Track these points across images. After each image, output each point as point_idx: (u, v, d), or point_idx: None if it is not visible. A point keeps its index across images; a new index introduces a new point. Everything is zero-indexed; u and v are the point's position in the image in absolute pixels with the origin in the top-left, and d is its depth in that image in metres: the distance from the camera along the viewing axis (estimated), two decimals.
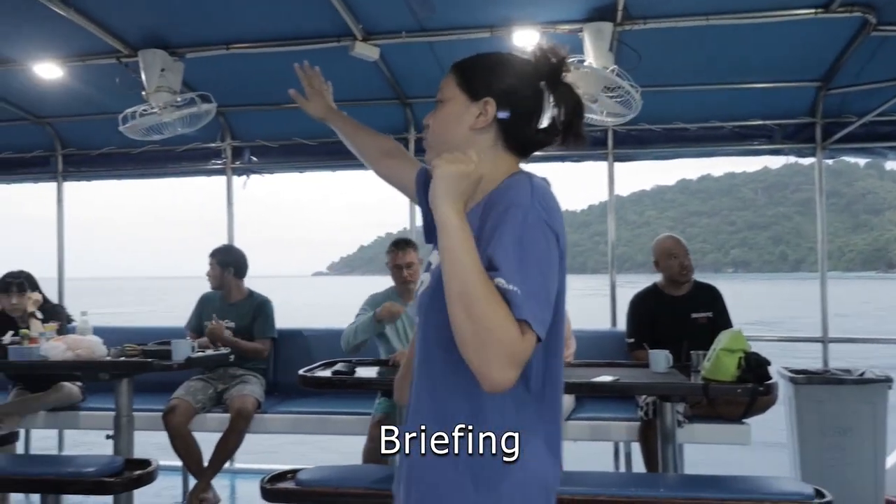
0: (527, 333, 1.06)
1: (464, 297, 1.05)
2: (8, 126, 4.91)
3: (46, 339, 3.49)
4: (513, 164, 1.28)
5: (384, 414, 3.53)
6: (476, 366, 1.04)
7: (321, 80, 1.80)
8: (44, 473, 2.74)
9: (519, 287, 1.06)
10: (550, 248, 1.12)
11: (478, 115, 1.25)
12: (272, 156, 5.03)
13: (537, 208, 1.13)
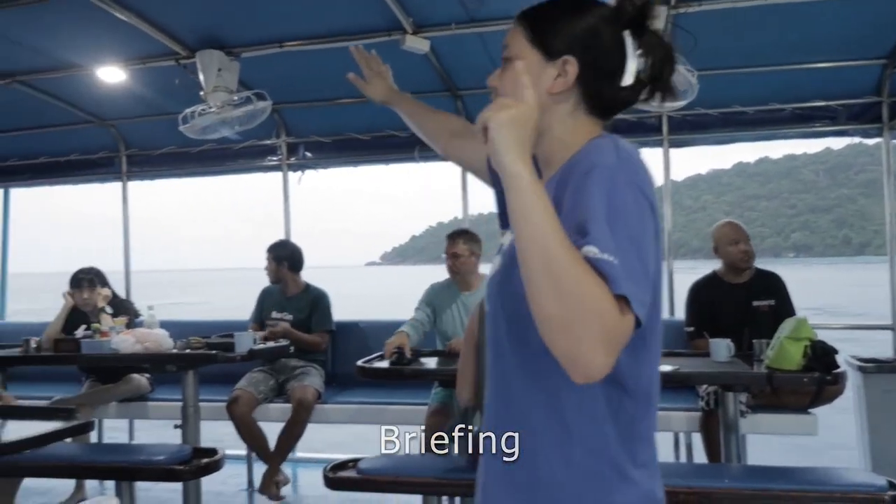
0: (626, 313, 0.86)
1: (546, 264, 0.86)
2: (75, 129, 5.11)
3: (116, 333, 3.63)
4: (593, 128, 1.10)
5: (440, 404, 3.56)
6: (564, 348, 0.86)
7: (379, 61, 1.70)
8: (117, 461, 2.83)
9: (614, 256, 0.87)
10: (644, 216, 0.93)
11: (556, 76, 1.07)
12: (326, 151, 5.10)
13: (625, 169, 0.96)
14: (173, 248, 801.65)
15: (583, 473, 1.00)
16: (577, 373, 0.86)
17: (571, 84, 1.07)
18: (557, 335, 0.86)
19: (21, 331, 4.67)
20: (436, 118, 1.60)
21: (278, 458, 3.89)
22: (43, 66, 4.21)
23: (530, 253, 0.88)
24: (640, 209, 0.93)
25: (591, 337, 0.84)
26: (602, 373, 0.86)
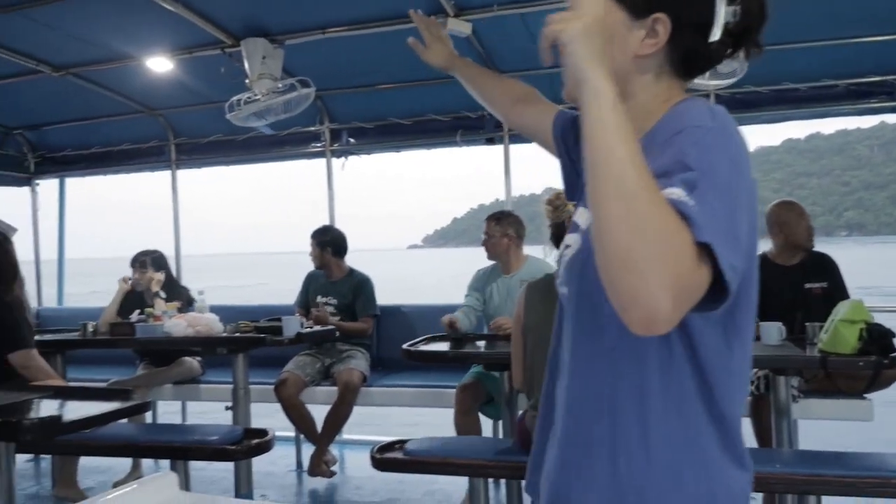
0: (702, 266, 0.76)
1: (619, 188, 0.76)
2: (127, 119, 5.24)
3: (169, 317, 3.73)
4: (678, 89, 1.01)
5: (473, 380, 3.58)
6: (625, 284, 0.75)
7: (439, 26, 1.60)
8: (172, 441, 2.92)
9: (698, 203, 0.77)
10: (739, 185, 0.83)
11: (644, 37, 0.96)
12: (369, 136, 5.13)
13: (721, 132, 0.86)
14: (221, 233, 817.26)
15: (665, 466, 0.92)
16: (636, 317, 0.75)
17: (662, 44, 0.96)
18: (620, 270, 0.75)
19: (78, 315, 4.84)
20: (499, 83, 1.49)
21: (326, 439, 3.97)
22: (95, 57, 4.33)
23: (603, 175, 0.78)
24: (734, 178, 0.83)
25: (659, 275, 0.73)
26: (665, 324, 0.75)
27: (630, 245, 0.74)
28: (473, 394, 3.50)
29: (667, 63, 0.99)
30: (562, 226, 2.56)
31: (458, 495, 3.59)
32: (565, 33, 0.85)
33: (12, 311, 3.17)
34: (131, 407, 2.21)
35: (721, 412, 0.93)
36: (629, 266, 0.74)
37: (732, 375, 0.93)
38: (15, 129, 5.56)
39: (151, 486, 1.11)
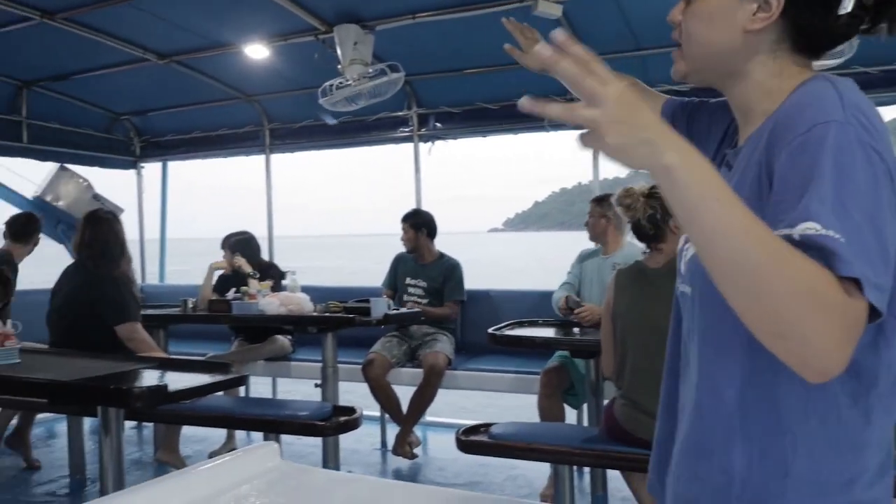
0: (856, 297, 0.69)
1: (738, 267, 0.70)
2: (225, 105, 5.46)
3: (263, 296, 3.87)
4: (802, 69, 0.91)
5: (558, 363, 3.55)
6: (787, 353, 0.70)
7: (535, 32, 1.57)
8: (265, 414, 3.04)
9: (841, 234, 0.70)
10: (880, 184, 0.74)
11: (755, 10, 0.88)
12: (455, 121, 5.14)
13: (854, 124, 0.76)
14: (308, 216, 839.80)
15: (803, 486, 0.83)
16: (809, 375, 0.71)
17: (775, 18, 0.87)
18: (776, 342, 0.70)
19: (179, 292, 5.09)
20: None
21: (411, 420, 4.03)
22: (196, 45, 4.52)
23: (716, 257, 0.71)
24: (873, 175, 0.74)
25: (817, 337, 0.68)
26: (839, 369, 0.70)
27: (773, 320, 0.69)
28: (558, 377, 3.48)
29: (785, 39, 0.89)
30: (638, 224, 2.50)
31: (540, 482, 3.58)
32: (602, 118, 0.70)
33: (119, 287, 3.37)
34: (230, 380, 2.31)
35: (869, 427, 0.84)
36: (782, 338, 0.70)
37: (883, 385, 0.85)
38: (123, 115, 5.88)
39: (254, 455, 1.15)
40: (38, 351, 3.07)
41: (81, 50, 4.54)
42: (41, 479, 3.89)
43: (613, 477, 3.43)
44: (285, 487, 1.08)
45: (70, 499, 3.62)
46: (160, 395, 2.05)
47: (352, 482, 1.11)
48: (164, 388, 2.05)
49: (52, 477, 3.90)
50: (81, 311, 3.34)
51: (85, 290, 3.38)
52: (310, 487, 1.08)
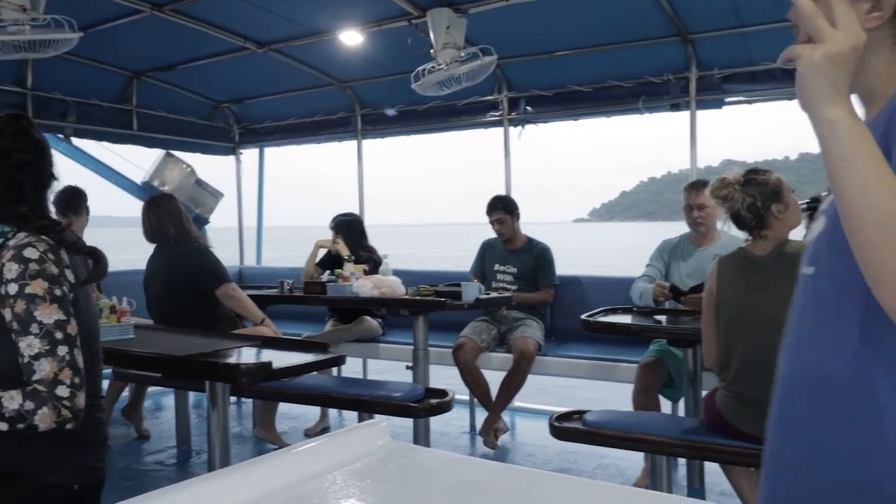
0: None
1: (880, 222, 0.74)
2: (319, 92, 5.58)
3: (356, 279, 3.95)
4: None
5: (654, 358, 3.45)
6: None
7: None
8: (360, 394, 3.10)
9: None
10: None
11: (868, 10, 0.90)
12: (546, 105, 5.06)
13: None
14: (396, 203, 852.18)
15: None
16: None
17: (889, 16, 0.89)
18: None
19: (276, 274, 5.28)
20: None
21: (499, 405, 4.03)
22: (293, 33, 4.63)
23: (857, 211, 0.76)
24: None
25: None
26: None
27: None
28: (655, 372, 3.37)
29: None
30: (738, 214, 2.39)
31: (632, 472, 3.51)
32: (802, 59, 0.80)
33: (204, 254, 3.66)
34: (330, 359, 2.37)
35: None
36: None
37: None
38: (223, 103, 6.11)
39: (365, 433, 1.17)
40: (149, 327, 3.25)
41: (186, 41, 4.75)
42: (151, 448, 4.13)
43: (710, 471, 3.33)
44: (397, 465, 1.09)
45: (177, 468, 3.83)
46: (265, 371, 2.12)
47: (461, 463, 1.11)
48: (269, 365, 2.12)
49: (161, 447, 4.13)
50: (178, 289, 3.57)
51: (175, 268, 3.62)
52: (421, 467, 1.09)
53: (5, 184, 1.58)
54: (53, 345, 1.46)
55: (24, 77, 4.78)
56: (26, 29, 3.25)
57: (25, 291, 1.46)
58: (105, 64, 5.16)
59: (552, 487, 0.97)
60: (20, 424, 1.42)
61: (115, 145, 5.64)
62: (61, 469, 1.58)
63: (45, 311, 1.47)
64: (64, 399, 1.44)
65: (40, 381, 1.44)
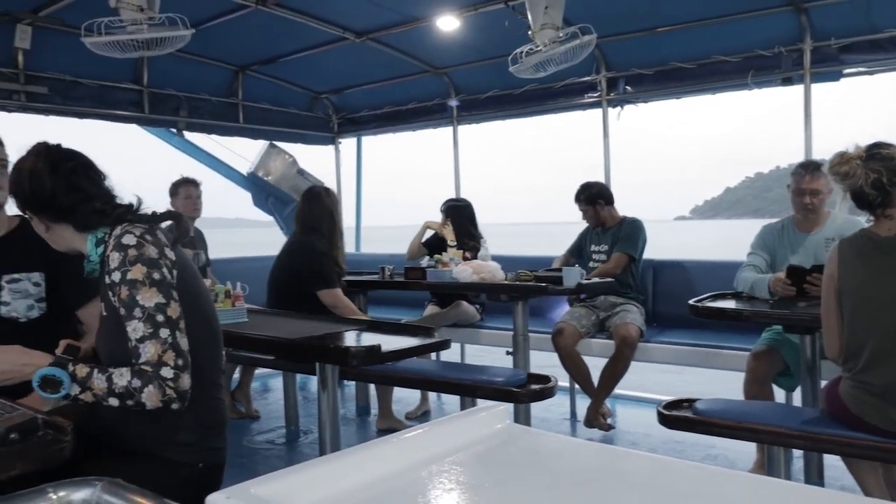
0: None
1: None
2: (415, 79, 5.63)
3: (456, 264, 3.97)
4: None
5: (766, 346, 3.27)
6: None
7: None
8: (463, 379, 3.12)
9: None
10: None
11: None
12: (647, 84, 4.91)
13: None
14: (492, 201, 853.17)
15: None
16: None
17: None
18: None
19: (375, 260, 5.39)
20: None
21: (603, 392, 3.96)
22: (391, 22, 4.68)
23: None
24: None
25: None
26: None
27: None
28: (768, 361, 3.21)
29: None
30: (860, 192, 2.22)
31: (743, 463, 3.38)
32: None
33: (322, 257, 3.66)
34: (436, 343, 2.39)
35: None
36: None
37: None
38: (322, 93, 6.26)
39: (486, 416, 1.17)
40: (260, 311, 3.38)
41: (287, 34, 4.88)
42: (261, 428, 4.32)
43: (830, 465, 3.16)
44: (519, 449, 1.09)
45: (286, 447, 3.98)
46: (375, 354, 2.16)
47: (586, 448, 1.09)
48: (378, 348, 2.16)
49: (270, 427, 4.31)
50: (290, 277, 3.67)
51: (295, 258, 3.71)
52: (545, 450, 1.08)
53: (69, 190, 1.68)
54: (156, 328, 1.53)
55: (140, 75, 5.06)
56: (144, 28, 3.42)
57: (127, 277, 1.54)
58: (213, 59, 5.39)
59: (684, 475, 0.94)
60: (129, 401, 1.50)
61: (222, 137, 5.90)
62: (188, 448, 1.66)
63: (146, 296, 1.54)
64: (168, 380, 1.51)
65: (146, 363, 1.51)
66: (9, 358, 1.56)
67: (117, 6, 3.41)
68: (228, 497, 0.80)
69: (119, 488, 0.82)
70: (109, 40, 3.44)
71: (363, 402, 4.60)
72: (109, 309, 1.61)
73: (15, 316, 2.01)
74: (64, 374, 1.49)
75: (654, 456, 1.02)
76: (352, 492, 0.90)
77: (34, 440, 1.26)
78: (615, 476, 0.97)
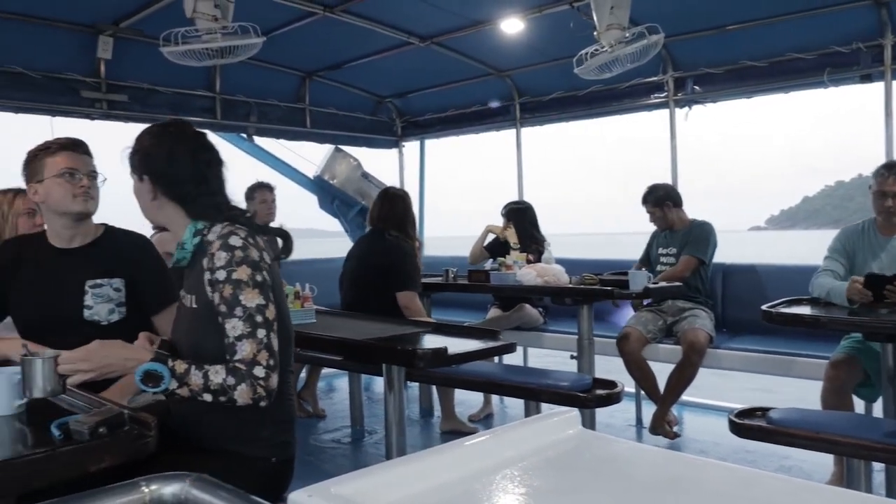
0: None
1: None
2: (478, 82, 5.65)
3: (519, 267, 3.96)
4: None
5: (846, 355, 3.13)
6: None
7: None
8: (527, 382, 3.10)
9: None
10: None
11: None
12: (716, 83, 4.79)
13: None
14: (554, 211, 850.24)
15: None
16: None
17: None
18: None
19: (438, 263, 5.41)
20: None
21: (669, 399, 3.88)
22: (455, 25, 4.71)
23: None
24: None
25: None
26: None
27: None
28: (848, 371, 3.07)
29: None
30: None
31: (819, 475, 3.25)
32: None
33: (407, 258, 3.71)
34: (502, 346, 2.39)
35: None
36: None
37: None
38: (386, 97, 6.34)
39: (557, 421, 1.17)
40: (328, 313, 3.45)
41: (353, 39, 4.97)
42: (327, 427, 4.40)
43: None
44: (592, 455, 1.08)
45: (352, 447, 4.05)
46: (441, 357, 2.18)
47: (664, 456, 1.07)
48: (445, 350, 2.18)
49: (336, 426, 4.39)
50: (370, 275, 3.72)
51: (378, 257, 3.75)
52: (620, 458, 1.07)
53: (197, 181, 1.73)
54: (254, 328, 1.58)
55: (213, 82, 5.23)
56: (218, 37, 3.54)
57: (232, 277, 1.60)
58: (281, 66, 5.52)
59: (767, 487, 0.91)
60: (222, 397, 1.56)
61: (290, 142, 6.04)
62: (262, 443, 1.72)
63: (249, 296, 1.59)
64: (260, 379, 1.57)
65: (241, 361, 1.57)
66: (114, 352, 1.62)
67: (193, 16, 3.53)
68: (310, 495, 0.82)
69: (207, 484, 0.85)
70: (186, 49, 3.57)
71: (426, 403, 4.63)
72: (200, 302, 1.66)
73: (97, 319, 2.10)
74: (165, 369, 1.56)
75: (732, 466, 1.00)
76: (428, 493, 0.91)
77: (121, 434, 1.32)
78: (692, 486, 0.95)
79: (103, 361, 1.60)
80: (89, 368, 1.58)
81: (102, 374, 1.61)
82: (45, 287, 2.11)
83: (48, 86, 4.45)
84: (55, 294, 2.10)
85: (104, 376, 1.62)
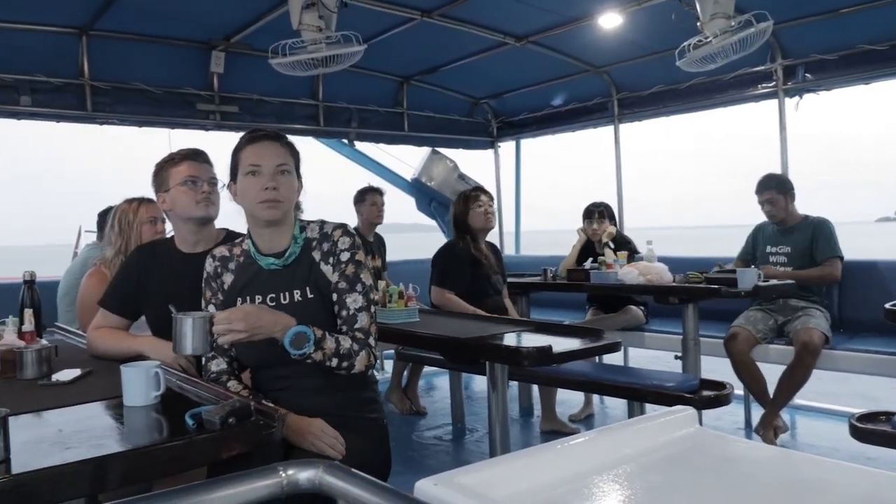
0: None
1: None
2: (575, 79, 5.59)
3: (620, 266, 3.90)
4: None
5: None
6: None
7: None
8: (631, 382, 3.06)
9: None
10: None
11: None
12: (830, 70, 4.54)
13: None
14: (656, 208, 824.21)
15: None
16: None
17: None
18: None
19: (535, 262, 5.40)
20: None
21: (779, 402, 3.71)
22: (552, 23, 4.68)
23: None
24: None
25: None
26: None
27: None
28: None
29: None
30: None
31: None
32: None
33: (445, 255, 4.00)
34: (606, 345, 2.37)
35: None
36: None
37: None
38: (481, 99, 6.38)
39: (674, 419, 1.16)
40: (430, 312, 3.52)
41: (449, 43, 5.04)
42: (428, 424, 4.47)
43: None
44: (711, 456, 1.07)
45: (453, 444, 4.10)
46: (546, 355, 2.18)
47: (789, 458, 1.04)
48: (549, 349, 2.18)
49: (437, 423, 4.45)
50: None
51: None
52: (742, 459, 1.05)
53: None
54: (369, 303, 1.83)
55: (316, 90, 5.43)
56: (322, 47, 3.67)
57: (355, 258, 1.84)
58: (380, 72, 5.66)
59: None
60: (345, 363, 1.74)
61: (389, 146, 6.18)
62: (379, 407, 1.95)
63: (366, 276, 1.84)
64: (373, 348, 1.81)
65: (360, 330, 1.79)
66: (265, 316, 1.71)
67: (299, 28, 3.69)
68: (436, 484, 0.86)
69: (338, 470, 0.90)
70: (292, 60, 3.73)
71: (526, 402, 4.63)
72: (316, 291, 1.82)
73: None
74: (311, 332, 1.70)
75: (867, 468, 0.96)
76: (547, 487, 0.93)
77: (248, 425, 1.40)
78: (821, 489, 0.92)
79: (257, 323, 1.69)
80: (243, 329, 1.67)
81: (251, 336, 1.69)
82: (174, 289, 2.26)
83: (167, 100, 4.76)
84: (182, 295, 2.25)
85: (251, 338, 1.70)
